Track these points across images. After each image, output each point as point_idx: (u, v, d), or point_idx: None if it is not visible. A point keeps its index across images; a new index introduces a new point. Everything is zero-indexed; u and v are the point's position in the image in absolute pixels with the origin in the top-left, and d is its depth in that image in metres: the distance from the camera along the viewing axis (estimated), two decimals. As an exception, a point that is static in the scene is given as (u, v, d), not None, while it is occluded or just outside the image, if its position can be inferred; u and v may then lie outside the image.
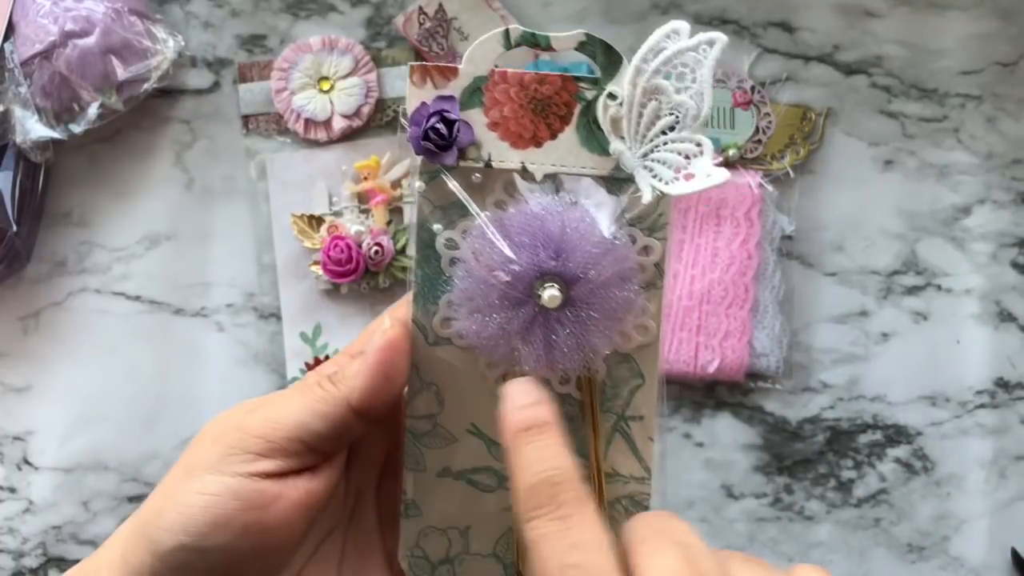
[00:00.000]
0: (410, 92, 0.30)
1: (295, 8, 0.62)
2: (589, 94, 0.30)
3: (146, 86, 0.59)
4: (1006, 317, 0.62)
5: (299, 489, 0.30)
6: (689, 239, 0.60)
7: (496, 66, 0.30)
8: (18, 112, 0.57)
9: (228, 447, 0.30)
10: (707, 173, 0.29)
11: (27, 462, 0.61)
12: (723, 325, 0.59)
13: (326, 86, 0.60)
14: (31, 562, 0.61)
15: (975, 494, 0.61)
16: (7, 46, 0.57)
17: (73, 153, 0.61)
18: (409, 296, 0.31)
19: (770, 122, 0.60)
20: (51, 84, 0.57)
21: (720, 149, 0.60)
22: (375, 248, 0.59)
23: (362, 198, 0.60)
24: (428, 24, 0.61)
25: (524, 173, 0.30)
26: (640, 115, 0.29)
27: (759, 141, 0.60)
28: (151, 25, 0.59)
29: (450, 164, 0.30)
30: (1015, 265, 0.62)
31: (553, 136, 0.30)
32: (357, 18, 0.62)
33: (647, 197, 0.29)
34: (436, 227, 0.30)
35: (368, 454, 0.33)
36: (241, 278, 0.62)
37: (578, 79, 0.30)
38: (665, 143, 0.29)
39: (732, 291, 0.59)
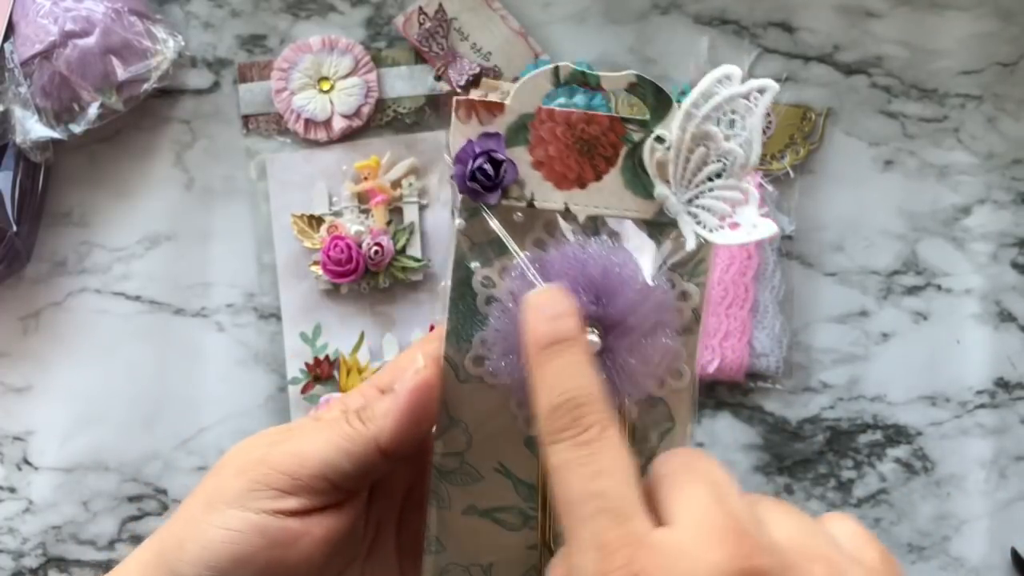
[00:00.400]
0: (455, 128, 0.29)
1: (295, 8, 0.62)
2: (636, 136, 0.29)
3: (146, 86, 0.59)
4: (1006, 317, 0.62)
5: (323, 527, 0.29)
6: (689, 239, 0.60)
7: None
8: (18, 112, 0.57)
9: (253, 482, 0.29)
10: (753, 224, 0.29)
11: (27, 462, 0.61)
12: (723, 325, 0.59)
13: (326, 86, 0.61)
14: (31, 562, 0.61)
15: (975, 494, 0.61)
16: (7, 46, 0.57)
17: (73, 153, 0.61)
18: (442, 332, 0.30)
19: (770, 122, 0.60)
20: (51, 84, 0.57)
21: (720, 149, 0.60)
22: (375, 248, 0.59)
23: (362, 198, 0.60)
24: (428, 24, 0.61)
25: (566, 214, 0.29)
26: (687, 160, 0.29)
27: (759, 141, 0.60)
28: (151, 25, 0.59)
29: (493, 204, 0.29)
30: (1015, 265, 0.62)
31: (598, 178, 0.29)
32: (357, 18, 0.62)
33: (691, 244, 0.29)
34: (474, 265, 0.30)
35: (390, 487, 0.33)
36: (241, 278, 0.62)
37: (626, 120, 0.29)
38: (711, 190, 0.29)
39: (732, 291, 0.59)
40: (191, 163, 0.62)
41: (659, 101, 0.29)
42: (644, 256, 0.29)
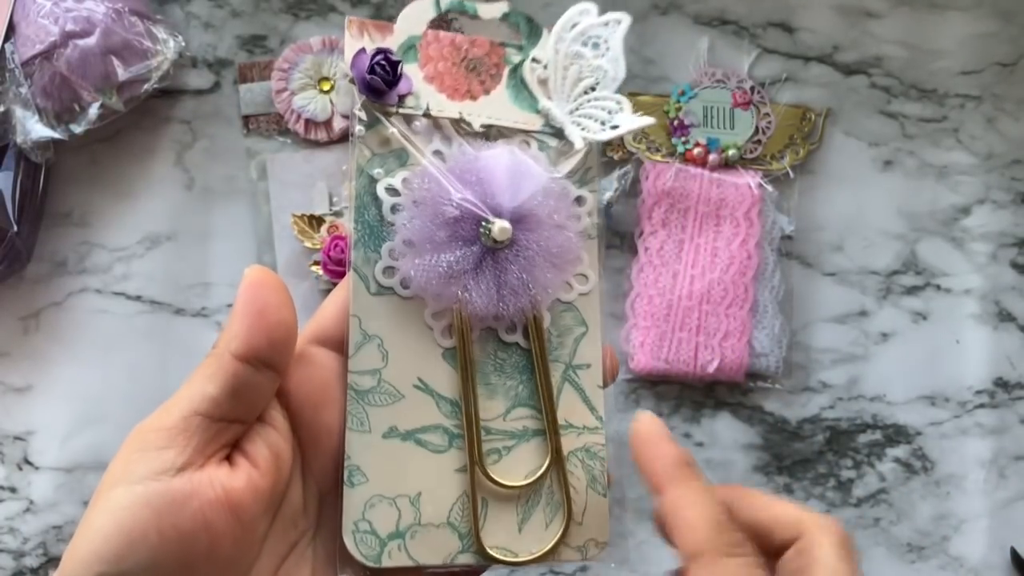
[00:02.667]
0: (349, 43, 0.31)
1: (295, 8, 0.62)
2: (516, 58, 0.32)
3: (146, 86, 0.59)
4: (1006, 317, 0.62)
5: (214, 487, 0.27)
6: (689, 239, 0.60)
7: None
8: (19, 112, 0.57)
9: (131, 451, 0.27)
10: (630, 121, 0.31)
11: (28, 462, 0.61)
12: (723, 325, 0.59)
13: (326, 86, 0.61)
14: (31, 562, 0.61)
15: (975, 494, 0.61)
16: (7, 46, 0.57)
17: (73, 153, 0.61)
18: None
19: (770, 122, 0.60)
20: (52, 84, 0.57)
21: (720, 149, 0.60)
22: (375, 248, 0.59)
23: (362, 198, 0.60)
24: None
25: (462, 122, 0.31)
26: (564, 77, 0.32)
27: (759, 141, 0.60)
28: (151, 25, 0.59)
29: (391, 104, 0.30)
30: (1015, 265, 0.62)
31: (487, 92, 0.32)
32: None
33: (578, 144, 0.31)
34: (377, 172, 0.30)
35: (324, 455, 0.31)
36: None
37: (505, 44, 0.32)
38: (589, 101, 0.32)
39: (732, 291, 0.59)
40: (191, 163, 0.62)
41: (531, 29, 0.32)
42: (540, 161, 0.32)
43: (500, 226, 0.29)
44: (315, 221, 0.60)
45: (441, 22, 0.32)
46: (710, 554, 0.27)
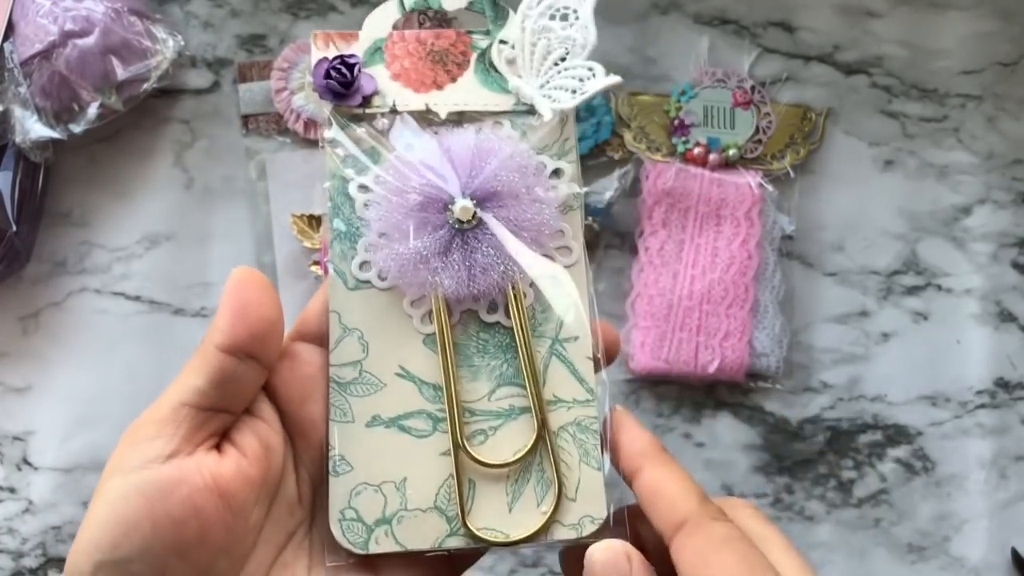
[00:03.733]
0: (314, 56, 0.31)
1: (295, 8, 0.62)
2: (483, 43, 0.32)
3: (146, 86, 0.59)
4: (1006, 317, 0.62)
5: (203, 473, 0.28)
6: (689, 239, 0.60)
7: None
8: (18, 112, 0.57)
9: (124, 445, 0.29)
10: (597, 83, 0.31)
11: (27, 462, 0.61)
12: (723, 325, 0.59)
13: (326, 86, 0.61)
14: (31, 562, 0.61)
15: (975, 494, 0.61)
16: (7, 46, 0.57)
17: (73, 153, 0.61)
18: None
19: (770, 122, 0.60)
20: (51, 84, 0.57)
21: (720, 149, 0.60)
22: (375, 248, 0.59)
23: (362, 198, 0.60)
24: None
25: (428, 113, 0.31)
26: (532, 53, 0.32)
27: (759, 141, 0.60)
28: (151, 25, 0.59)
29: (355, 106, 0.31)
30: (1015, 265, 0.62)
31: (453, 80, 0.32)
32: (357, 18, 0.62)
33: (546, 115, 0.31)
34: (348, 172, 0.31)
35: (313, 447, 0.31)
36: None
37: (471, 32, 0.32)
38: (559, 72, 0.32)
39: (732, 291, 0.59)
40: (191, 163, 0.62)
41: (496, 12, 0.32)
42: (507, 141, 0.31)
43: (461, 205, 0.30)
44: (315, 221, 0.60)
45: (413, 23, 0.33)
46: (696, 520, 0.27)
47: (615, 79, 0.31)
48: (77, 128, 0.58)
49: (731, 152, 0.60)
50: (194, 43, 0.62)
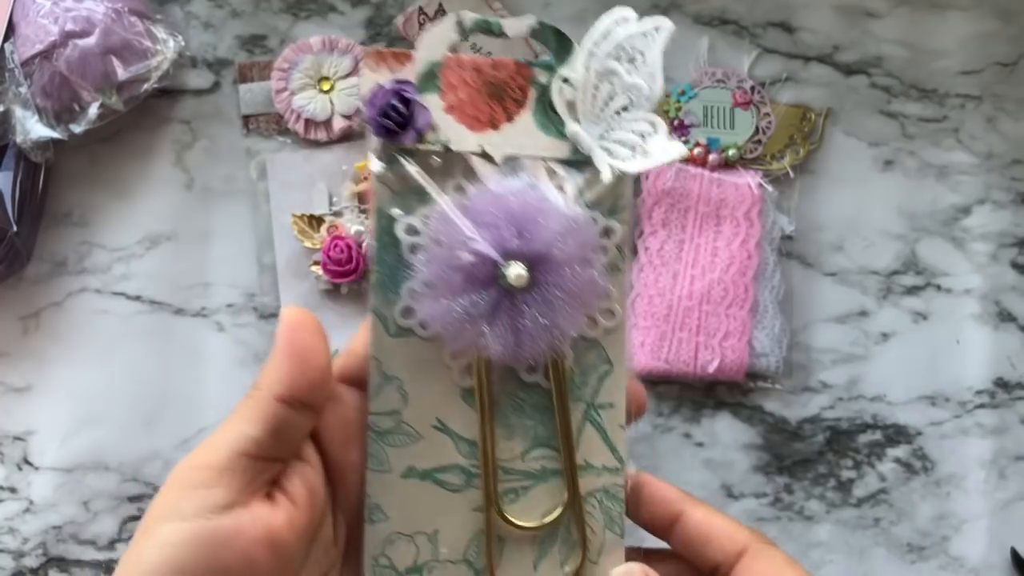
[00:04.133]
0: (365, 77, 0.29)
1: (295, 8, 0.62)
2: (543, 79, 0.30)
3: (146, 86, 0.59)
4: (1006, 317, 0.62)
5: (257, 525, 0.28)
6: (689, 239, 0.60)
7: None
8: (18, 112, 0.57)
9: (179, 489, 0.28)
10: (663, 150, 0.29)
11: (27, 462, 0.61)
12: (723, 325, 0.59)
13: (326, 86, 0.61)
14: (31, 562, 0.61)
15: (975, 494, 0.61)
16: (7, 46, 0.57)
17: (73, 153, 0.61)
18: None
19: (770, 122, 0.60)
20: (51, 84, 0.57)
21: (720, 149, 0.60)
22: (375, 248, 0.59)
23: (362, 198, 0.60)
24: (428, 24, 0.61)
25: (483, 156, 0.30)
26: (594, 97, 0.30)
27: (759, 141, 0.60)
28: (151, 25, 0.59)
29: (408, 144, 0.29)
30: (1015, 265, 0.62)
31: (510, 119, 0.30)
32: (357, 18, 0.62)
33: (606, 176, 0.29)
34: (395, 212, 0.30)
35: (350, 490, 0.32)
36: (241, 278, 0.62)
37: (531, 64, 0.30)
38: (620, 124, 0.30)
39: (732, 291, 0.59)
40: (191, 163, 0.62)
41: (561, 44, 0.30)
42: (563, 194, 0.30)
43: (516, 273, 0.28)
44: (315, 221, 0.60)
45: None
46: (756, 547, 0.31)
47: (680, 151, 0.29)
48: (78, 128, 0.58)
49: (731, 152, 0.60)
50: (194, 43, 0.62)
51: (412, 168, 0.29)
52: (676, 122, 0.60)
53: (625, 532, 0.31)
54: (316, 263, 0.60)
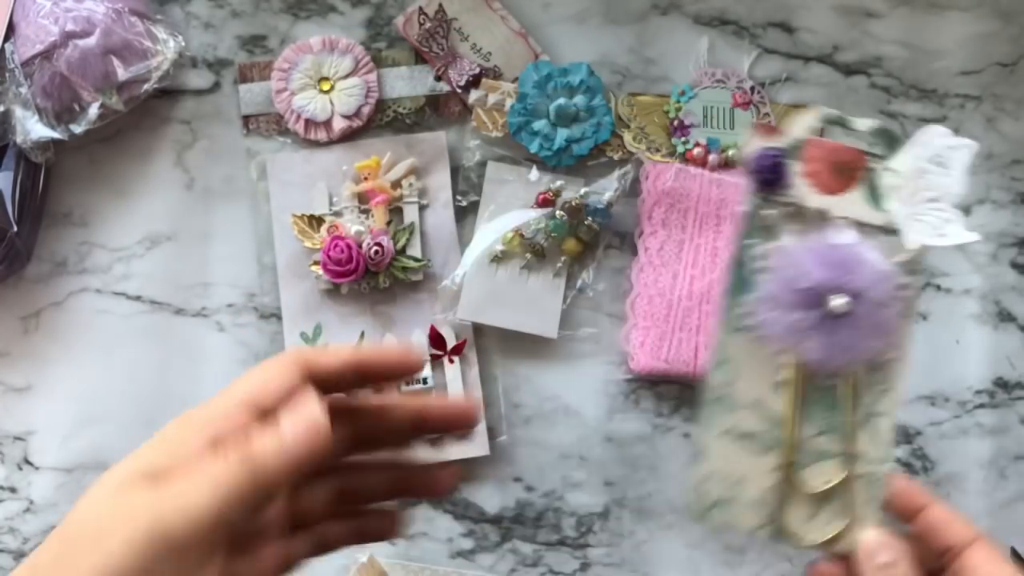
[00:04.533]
0: (754, 143, 0.38)
1: (295, 9, 0.62)
2: (874, 165, 0.39)
3: (146, 86, 0.59)
4: (1006, 317, 0.62)
5: None
6: (689, 239, 0.60)
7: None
8: (19, 112, 0.57)
9: (146, 556, 0.27)
10: (957, 235, 0.38)
11: (28, 462, 0.61)
12: (723, 325, 0.59)
13: (326, 86, 0.61)
14: (31, 562, 0.61)
15: (975, 494, 0.61)
16: (8, 46, 0.57)
17: (73, 153, 0.61)
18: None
19: (770, 122, 0.60)
20: (51, 84, 0.57)
21: (720, 149, 0.60)
22: (375, 248, 0.59)
23: (362, 198, 0.60)
24: (428, 25, 0.61)
25: (824, 214, 0.39)
26: (913, 188, 0.38)
27: (759, 141, 0.60)
28: (151, 25, 0.59)
29: (773, 195, 0.39)
30: (1015, 265, 0.62)
31: (846, 190, 0.39)
32: (357, 19, 0.62)
33: (912, 245, 0.38)
34: (753, 240, 0.39)
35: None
36: (242, 278, 0.62)
37: (868, 154, 0.39)
38: (927, 210, 0.38)
39: (732, 291, 0.59)
40: (191, 163, 0.62)
41: (892, 142, 0.39)
42: (879, 252, 0.38)
43: (840, 301, 0.37)
44: (315, 221, 0.60)
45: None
46: (983, 539, 0.38)
47: (972, 237, 0.37)
48: (78, 128, 0.58)
49: (731, 152, 0.60)
50: (195, 44, 0.62)
51: (772, 211, 0.39)
52: (676, 122, 0.60)
53: (880, 511, 0.39)
54: (316, 263, 0.60)
